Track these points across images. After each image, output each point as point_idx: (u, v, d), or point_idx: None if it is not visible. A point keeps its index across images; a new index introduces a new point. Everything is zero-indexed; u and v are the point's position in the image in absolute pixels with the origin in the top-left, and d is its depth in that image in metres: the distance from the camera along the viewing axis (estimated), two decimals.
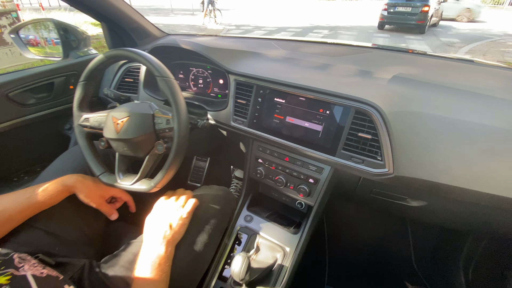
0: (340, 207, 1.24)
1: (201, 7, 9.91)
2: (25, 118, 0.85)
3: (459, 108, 0.60)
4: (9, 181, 0.90)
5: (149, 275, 0.53)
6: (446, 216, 0.75)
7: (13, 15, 4.50)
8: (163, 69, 0.62)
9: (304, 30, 8.75)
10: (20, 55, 4.69)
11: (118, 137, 0.65)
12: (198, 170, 1.46)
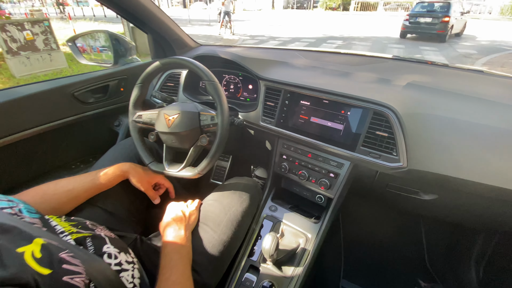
0: (356, 206, 1.31)
1: (217, 18, 10.33)
2: (84, 115, 1.00)
3: (467, 111, 0.69)
4: (68, 168, 1.05)
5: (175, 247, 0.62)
6: (457, 211, 0.81)
7: (45, 24, 4.86)
8: (210, 74, 0.74)
9: (318, 40, 8.91)
10: (50, 61, 5.07)
11: (169, 131, 0.77)
12: (220, 169, 1.57)
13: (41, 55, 4.88)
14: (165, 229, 0.66)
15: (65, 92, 0.93)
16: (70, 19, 9.56)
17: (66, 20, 10.90)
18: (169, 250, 0.61)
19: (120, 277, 0.52)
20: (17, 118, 0.84)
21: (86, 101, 1.00)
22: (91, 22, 11.85)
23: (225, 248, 0.71)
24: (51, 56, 5.01)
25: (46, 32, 4.84)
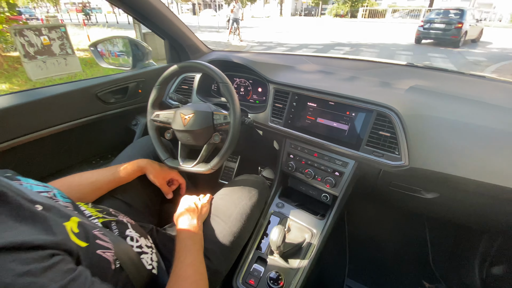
0: (361, 207, 1.34)
1: (226, 25, 10.55)
2: (105, 114, 1.08)
3: (466, 113, 0.73)
4: (89, 163, 1.13)
5: (189, 234, 0.67)
6: (459, 209, 0.84)
7: (61, 30, 5.06)
8: (224, 76, 0.81)
9: (326, 47, 8.98)
10: (65, 65, 5.28)
11: (184, 129, 0.83)
12: (228, 170, 1.62)
13: (57, 60, 5.08)
14: (180, 218, 0.71)
15: (90, 92, 1.01)
16: (84, 25, 9.92)
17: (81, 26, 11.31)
18: (183, 237, 0.66)
19: (141, 258, 0.58)
20: (46, 115, 0.91)
21: (108, 101, 1.08)
22: (104, 28, 12.25)
23: (235, 238, 0.76)
24: (66, 61, 5.21)
25: (62, 38, 5.05)
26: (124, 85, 1.12)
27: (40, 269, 0.28)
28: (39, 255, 0.30)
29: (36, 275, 0.27)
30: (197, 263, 0.61)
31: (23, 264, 0.27)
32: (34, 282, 0.27)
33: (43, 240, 0.32)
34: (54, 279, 0.29)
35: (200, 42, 1.31)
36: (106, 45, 1.44)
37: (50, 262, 0.30)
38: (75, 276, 0.31)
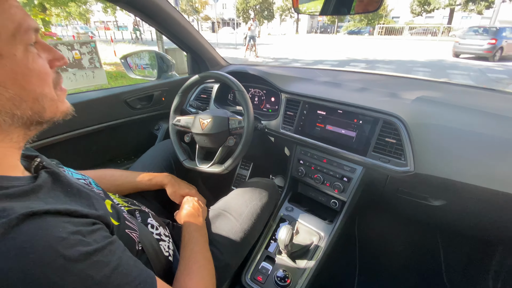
0: (371, 218, 1.34)
1: (243, 42, 10.97)
2: (132, 118, 1.19)
3: (472, 122, 0.75)
4: (114, 162, 1.23)
5: (196, 227, 0.71)
6: (467, 217, 0.85)
7: (92, 45, 5.48)
8: (240, 85, 0.89)
9: (341, 63, 9.07)
10: (93, 78, 5.66)
11: (202, 133, 0.91)
12: (240, 177, 1.68)
13: (86, 72, 5.48)
14: (187, 214, 0.76)
15: (120, 98, 1.13)
16: (112, 41, 10.66)
17: (108, 42, 12.16)
18: (191, 229, 0.70)
19: (160, 245, 0.64)
20: (82, 117, 1.03)
21: (135, 107, 1.20)
22: (129, 45, 13.07)
23: (245, 236, 0.80)
24: (94, 74, 5.60)
25: (92, 52, 5.46)
26: (150, 93, 1.24)
27: (86, 231, 0.35)
28: (86, 221, 0.37)
29: (84, 235, 0.34)
30: (205, 251, 0.66)
31: (74, 225, 0.34)
32: (82, 240, 0.33)
33: (88, 211, 0.39)
34: (97, 240, 0.35)
35: (219, 56, 1.42)
36: (134, 59, 1.59)
37: (94, 228, 0.37)
38: (112, 241, 0.38)
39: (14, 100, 0.33)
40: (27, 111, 0.35)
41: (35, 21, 0.36)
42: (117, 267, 0.35)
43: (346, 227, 0.97)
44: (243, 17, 29.62)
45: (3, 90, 0.32)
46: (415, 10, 23.62)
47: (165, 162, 1.00)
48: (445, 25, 21.91)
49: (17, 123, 0.35)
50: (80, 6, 8.14)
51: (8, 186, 0.34)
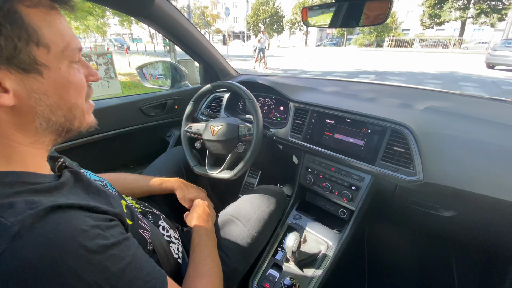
0: (381, 230, 1.32)
1: (253, 54, 11.20)
2: (146, 125, 1.24)
3: (481, 132, 0.75)
4: (127, 167, 1.28)
5: (205, 231, 0.72)
6: (480, 230, 0.83)
7: (108, 56, 5.73)
8: (250, 94, 0.92)
9: (350, 74, 9.10)
10: (108, 87, 5.88)
11: (213, 139, 0.94)
12: (248, 185, 1.69)
13: (101, 82, 5.70)
14: (197, 218, 0.77)
15: (135, 106, 1.18)
16: (127, 53, 11.09)
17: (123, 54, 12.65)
18: (201, 233, 0.72)
19: (170, 246, 0.65)
20: (99, 123, 1.08)
21: (149, 114, 1.25)
22: (143, 56, 13.55)
23: (253, 241, 0.81)
24: (109, 83, 5.83)
25: (108, 63, 5.70)
26: (164, 101, 1.29)
27: (105, 226, 0.37)
28: (104, 217, 0.39)
29: (103, 229, 0.36)
30: (213, 255, 0.67)
31: (94, 220, 0.37)
32: (101, 233, 0.35)
33: (107, 208, 0.41)
34: (114, 235, 0.37)
35: (230, 67, 1.47)
36: (149, 69, 1.66)
37: (111, 224, 0.39)
38: (127, 237, 0.40)
39: (52, 107, 0.37)
40: (61, 118, 0.39)
41: (80, 41, 0.40)
42: (132, 262, 0.36)
43: (355, 237, 0.96)
44: (253, 30, 30.35)
45: (44, 98, 0.36)
46: (425, 23, 23.61)
47: (176, 168, 1.03)
48: (457, 37, 21.77)
49: (50, 128, 0.39)
50: (98, 20, 8.54)
51: (37, 182, 0.37)
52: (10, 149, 0.36)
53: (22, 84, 0.34)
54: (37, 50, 0.34)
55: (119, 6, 0.91)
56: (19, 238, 0.29)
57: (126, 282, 0.35)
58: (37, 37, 0.33)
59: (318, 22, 0.99)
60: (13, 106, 0.34)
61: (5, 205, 0.30)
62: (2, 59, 0.31)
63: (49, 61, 0.35)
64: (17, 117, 0.35)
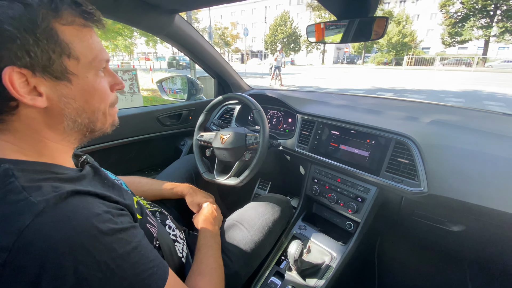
0: (391, 246, 1.28)
1: (269, 72, 11.49)
2: (161, 134, 1.32)
3: (488, 145, 0.74)
4: (142, 172, 1.36)
5: (211, 234, 0.75)
6: (489, 244, 0.79)
7: (133, 73, 6.11)
8: (257, 104, 0.97)
9: (367, 92, 9.03)
10: (131, 101, 6.23)
11: (222, 147, 0.99)
12: (258, 197, 1.71)
13: (125, 96, 6.07)
14: (204, 220, 0.80)
15: (153, 115, 1.27)
16: (150, 70, 11.76)
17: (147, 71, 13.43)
18: (207, 235, 0.74)
19: (175, 245, 0.69)
20: (119, 129, 1.16)
21: (165, 124, 1.33)
22: (165, 73, 14.31)
23: (256, 247, 0.82)
24: (132, 97, 6.18)
25: (132, 79, 6.08)
26: (179, 112, 1.38)
27: (116, 213, 0.42)
28: (116, 206, 0.44)
29: (114, 216, 0.40)
30: (217, 257, 0.69)
31: (107, 207, 0.41)
32: (112, 219, 0.40)
33: (118, 199, 0.46)
34: (123, 222, 0.41)
35: (243, 81, 1.54)
36: (168, 83, 1.78)
37: (122, 212, 0.44)
38: (135, 226, 0.44)
39: (78, 110, 0.43)
40: (85, 119, 0.44)
41: (108, 53, 0.46)
42: (137, 248, 0.40)
43: (361, 251, 0.95)
44: (270, 49, 31.27)
45: (72, 102, 0.41)
46: (446, 41, 23.23)
47: (187, 174, 1.08)
48: (480, 56, 21.13)
49: (76, 128, 0.44)
50: (126, 40, 9.24)
51: (62, 173, 0.43)
52: (41, 144, 0.42)
53: (54, 89, 0.39)
54: (68, 61, 0.39)
55: (144, 26, 1.02)
56: (43, 214, 0.33)
57: (130, 265, 0.38)
58: (68, 50, 0.39)
59: (328, 39, 1.02)
60: (45, 108, 0.39)
61: (34, 187, 0.36)
62: (38, 68, 0.37)
63: (78, 71, 0.40)
64: (49, 117, 0.41)
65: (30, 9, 0.35)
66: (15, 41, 0.34)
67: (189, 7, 1.05)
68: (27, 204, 0.33)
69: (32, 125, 0.40)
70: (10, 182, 0.34)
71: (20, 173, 0.36)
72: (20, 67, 0.35)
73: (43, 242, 0.32)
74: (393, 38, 25.13)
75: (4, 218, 0.32)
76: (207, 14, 16.25)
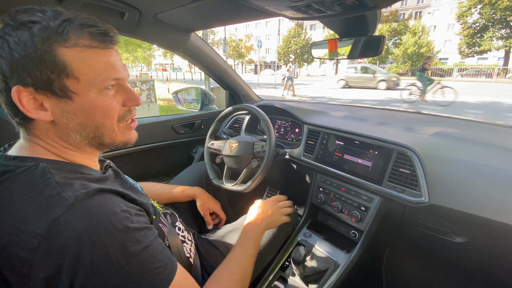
0: (399, 258, 1.26)
1: (282, 83, 11.64)
2: (175, 141, 1.41)
3: (488, 156, 0.76)
4: (156, 177, 1.44)
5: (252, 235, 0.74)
6: (494, 257, 0.78)
7: (150, 83, 6.37)
8: (264, 115, 1.03)
9: (381, 103, 8.92)
10: (148, 110, 6.47)
11: (231, 154, 1.05)
12: None
13: (142, 106, 6.32)
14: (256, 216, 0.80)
15: (168, 124, 1.37)
16: (167, 80, 12.21)
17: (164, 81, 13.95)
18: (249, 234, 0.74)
19: (183, 245, 0.74)
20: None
21: (178, 132, 1.42)
22: (181, 84, 14.79)
23: (261, 252, 0.86)
24: (149, 107, 6.43)
25: (150, 89, 6.35)
26: (192, 121, 1.46)
27: (133, 213, 0.46)
28: (134, 206, 0.49)
29: (131, 215, 0.45)
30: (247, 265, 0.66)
31: (125, 206, 0.46)
32: (129, 218, 0.44)
33: (136, 198, 0.52)
34: (139, 221, 0.46)
35: (253, 92, 1.62)
36: (183, 94, 1.89)
37: (139, 213, 0.48)
38: (149, 227, 0.48)
39: (81, 125, 0.46)
40: (90, 134, 0.47)
41: (120, 72, 0.48)
42: (147, 248, 0.43)
43: (366, 260, 0.96)
44: (283, 60, 31.67)
45: (74, 117, 0.45)
46: (464, 52, 22.64)
47: (197, 180, 1.14)
48: (501, 66, 20.41)
49: (84, 141, 0.48)
50: (145, 52, 9.72)
51: (89, 174, 0.49)
52: (62, 151, 0.47)
53: (57, 105, 0.43)
54: (67, 81, 0.42)
55: (162, 43, 1.12)
56: (72, 208, 0.38)
57: (139, 262, 0.41)
58: (66, 71, 0.41)
59: (332, 55, 1.05)
60: (52, 121, 0.44)
61: (67, 184, 0.42)
62: (40, 87, 0.41)
63: (78, 90, 0.43)
64: (57, 130, 0.45)
65: (32, 35, 0.39)
66: (18, 63, 0.39)
67: (203, 27, 1.14)
68: (60, 198, 0.38)
69: (48, 135, 0.46)
70: (47, 178, 0.40)
71: (55, 171, 0.42)
72: (24, 86, 0.40)
73: (70, 232, 0.37)
74: (409, 49, 24.80)
75: (41, 209, 0.38)
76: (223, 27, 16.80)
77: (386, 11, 28.19)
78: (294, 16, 0.80)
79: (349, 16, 0.72)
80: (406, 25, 27.31)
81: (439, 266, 1.16)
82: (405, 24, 27.43)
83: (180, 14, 0.93)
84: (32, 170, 0.41)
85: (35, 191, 0.39)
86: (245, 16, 0.93)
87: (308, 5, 0.66)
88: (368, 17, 0.74)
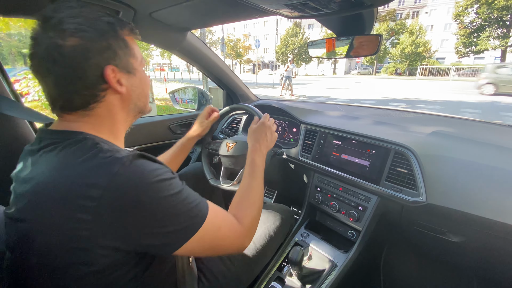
0: (397, 258, 1.26)
1: (280, 82, 11.64)
2: (172, 141, 1.38)
3: (485, 156, 0.76)
4: None
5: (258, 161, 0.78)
6: (491, 256, 0.78)
7: None
8: (261, 114, 1.02)
9: (379, 102, 8.95)
10: None
11: (227, 154, 1.04)
12: None
13: None
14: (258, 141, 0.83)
15: (165, 124, 1.35)
16: (165, 80, 12.16)
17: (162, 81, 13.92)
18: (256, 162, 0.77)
19: None
20: (134, 137, 1.25)
21: (176, 132, 1.41)
22: (179, 83, 14.75)
23: (258, 254, 0.85)
24: None
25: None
26: (189, 121, 1.45)
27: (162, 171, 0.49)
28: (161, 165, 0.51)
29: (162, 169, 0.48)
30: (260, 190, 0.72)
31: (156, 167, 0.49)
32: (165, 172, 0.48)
33: None
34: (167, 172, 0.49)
35: (250, 92, 1.61)
36: (180, 94, 1.87)
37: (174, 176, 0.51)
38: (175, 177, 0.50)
39: (139, 95, 0.57)
40: (142, 102, 0.58)
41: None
42: (182, 190, 0.49)
43: (363, 260, 0.96)
44: (281, 60, 31.67)
45: (136, 89, 0.55)
46: (460, 51, 22.74)
47: (194, 180, 1.13)
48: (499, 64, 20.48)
49: (134, 109, 0.57)
50: (143, 52, 9.70)
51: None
52: (115, 127, 0.54)
53: (128, 80, 0.53)
54: (132, 60, 0.54)
55: (158, 42, 1.10)
56: (125, 166, 0.43)
57: (182, 199, 0.48)
58: (132, 52, 0.54)
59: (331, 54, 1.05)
60: (121, 94, 0.53)
61: (115, 150, 0.46)
62: (120, 65, 0.51)
63: (137, 66, 0.55)
64: (122, 101, 0.54)
65: (114, 27, 0.50)
66: (109, 48, 0.49)
67: (199, 26, 1.13)
68: (114, 158, 0.44)
69: (111, 109, 0.53)
70: (99, 147, 0.45)
71: (102, 143, 0.47)
72: (113, 65, 0.49)
73: (127, 182, 0.43)
74: (406, 49, 24.89)
75: (99, 166, 0.43)
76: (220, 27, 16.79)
77: (384, 11, 28.29)
78: (291, 15, 0.79)
79: (346, 14, 0.72)
80: (403, 24, 27.41)
81: (437, 265, 1.17)
82: (403, 24, 27.52)
83: (175, 13, 0.92)
84: (80, 141, 0.46)
85: (89, 155, 0.44)
86: (241, 15, 0.92)
87: (304, 3, 0.65)
88: (365, 15, 0.74)
